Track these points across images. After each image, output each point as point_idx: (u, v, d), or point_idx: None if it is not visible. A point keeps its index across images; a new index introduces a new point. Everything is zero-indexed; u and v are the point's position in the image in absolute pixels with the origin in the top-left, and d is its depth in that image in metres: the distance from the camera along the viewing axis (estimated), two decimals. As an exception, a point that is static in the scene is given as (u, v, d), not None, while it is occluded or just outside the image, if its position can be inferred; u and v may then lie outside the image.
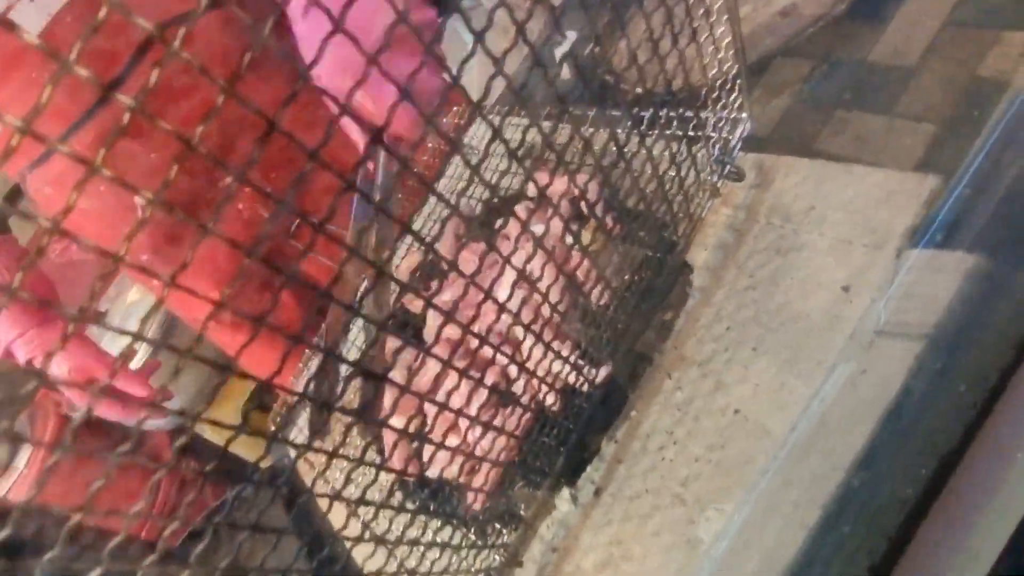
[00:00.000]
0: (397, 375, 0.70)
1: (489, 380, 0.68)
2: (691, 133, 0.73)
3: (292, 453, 0.97)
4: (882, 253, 0.63)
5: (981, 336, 0.48)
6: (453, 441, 0.66)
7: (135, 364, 1.64)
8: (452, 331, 0.70)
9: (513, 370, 0.70)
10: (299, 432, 1.05)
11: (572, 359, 0.66)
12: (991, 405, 0.44)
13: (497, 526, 0.71)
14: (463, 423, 0.65)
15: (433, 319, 0.83)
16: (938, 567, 0.41)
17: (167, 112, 0.90)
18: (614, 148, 0.54)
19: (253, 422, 1.73)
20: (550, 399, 0.68)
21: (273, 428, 1.19)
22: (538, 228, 0.49)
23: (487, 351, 0.64)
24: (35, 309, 0.84)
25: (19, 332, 0.82)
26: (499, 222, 0.85)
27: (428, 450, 0.72)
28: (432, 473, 0.70)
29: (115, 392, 0.84)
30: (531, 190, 0.88)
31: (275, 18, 0.28)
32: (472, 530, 0.70)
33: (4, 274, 0.82)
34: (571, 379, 0.69)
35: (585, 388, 0.71)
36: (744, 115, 0.76)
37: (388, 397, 0.68)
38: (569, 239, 0.50)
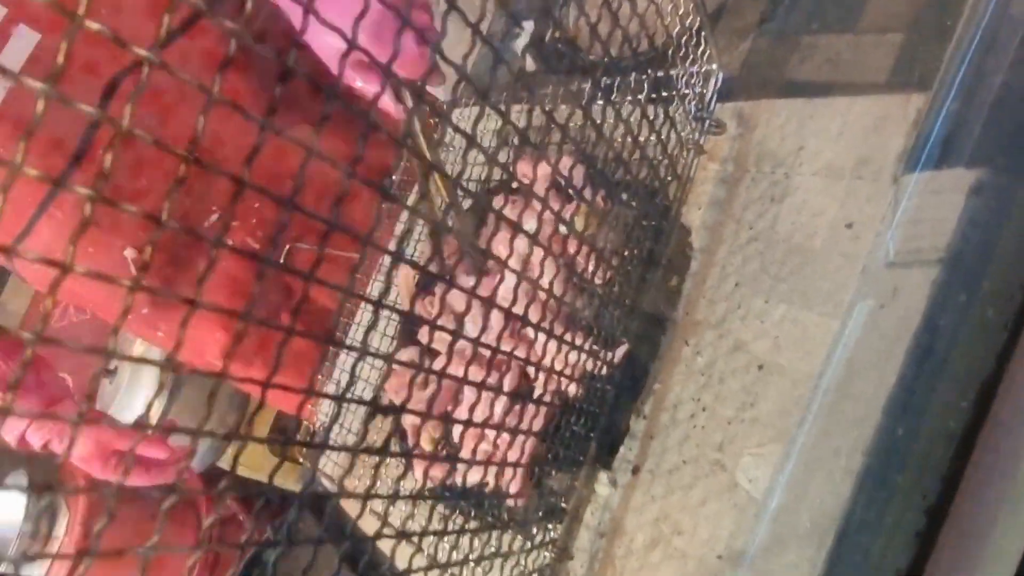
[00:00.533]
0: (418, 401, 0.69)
1: (509, 385, 0.67)
2: (664, 94, 0.71)
3: (324, 480, 0.96)
4: (879, 183, 0.61)
5: (998, 253, 0.46)
6: (484, 448, 0.65)
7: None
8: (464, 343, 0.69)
9: (532, 369, 0.69)
10: (328, 461, 1.04)
11: (587, 345, 0.65)
12: (1021, 325, 0.42)
13: (541, 523, 0.71)
14: (490, 431, 0.64)
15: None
16: (992, 499, 0.40)
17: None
18: (591, 125, 0.53)
19: (280, 452, 1.73)
20: (572, 389, 0.67)
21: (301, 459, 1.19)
22: (530, 225, 0.48)
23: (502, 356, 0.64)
24: (40, 396, 0.83)
25: (29, 420, 0.82)
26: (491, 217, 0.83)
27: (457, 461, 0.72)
28: (468, 482, 0.69)
29: (139, 460, 0.83)
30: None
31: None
32: (518, 533, 0.69)
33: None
34: (590, 365, 0.68)
35: (605, 371, 0.70)
36: (714, 66, 0.74)
37: (409, 422, 0.67)
38: (563, 228, 0.49)
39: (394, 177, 1.05)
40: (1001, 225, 0.47)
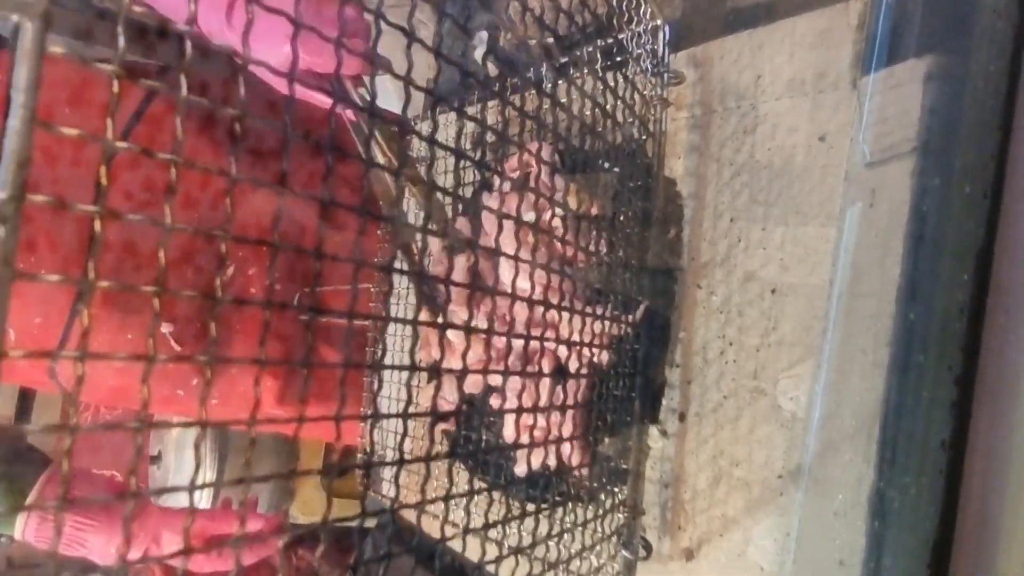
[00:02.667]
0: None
1: (547, 367, 0.70)
2: (618, 59, 0.74)
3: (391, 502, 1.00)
4: (840, 91, 0.64)
5: (963, 130, 0.49)
6: (538, 432, 0.68)
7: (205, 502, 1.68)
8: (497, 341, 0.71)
9: (563, 350, 0.72)
10: (389, 485, 1.07)
11: (608, 312, 0.68)
12: (999, 193, 0.45)
13: (607, 488, 0.74)
14: (540, 413, 0.67)
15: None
16: (1014, 356, 0.43)
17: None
18: (558, 107, 0.55)
19: (340, 488, 1.77)
20: (604, 357, 0.70)
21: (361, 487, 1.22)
22: (529, 216, 0.51)
23: (533, 344, 0.67)
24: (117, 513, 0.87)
25: (122, 539, 0.85)
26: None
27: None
28: (532, 466, 0.72)
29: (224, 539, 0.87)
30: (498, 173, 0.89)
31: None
32: (588, 503, 0.73)
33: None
34: (615, 330, 0.71)
35: (630, 332, 0.73)
36: (658, 20, 0.77)
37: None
38: (560, 211, 0.52)
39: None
40: (960, 103, 0.50)
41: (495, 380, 0.74)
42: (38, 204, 0.21)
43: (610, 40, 0.74)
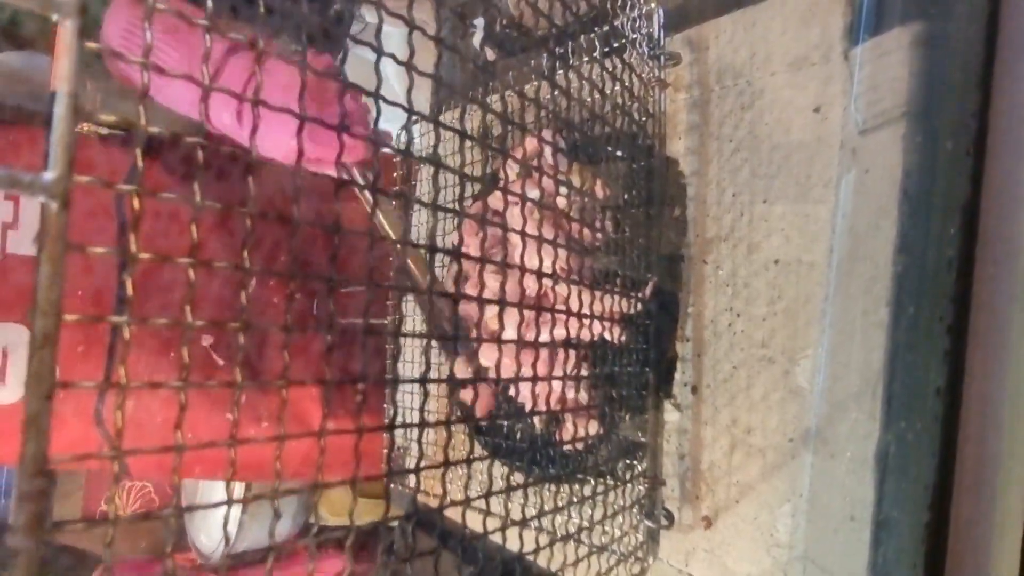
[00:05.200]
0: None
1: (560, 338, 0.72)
2: (615, 45, 0.76)
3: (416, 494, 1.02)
4: (832, 63, 0.66)
5: (946, 91, 0.51)
6: (555, 401, 0.70)
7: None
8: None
9: (574, 322, 0.74)
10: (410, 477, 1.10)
11: (618, 288, 0.70)
12: (982, 148, 0.47)
13: (626, 461, 0.76)
14: (556, 384, 0.69)
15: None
16: (1003, 305, 0.45)
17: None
18: (559, 92, 0.58)
19: (365, 488, 1.79)
20: (616, 331, 0.72)
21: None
22: (534, 193, 0.53)
23: (546, 317, 0.69)
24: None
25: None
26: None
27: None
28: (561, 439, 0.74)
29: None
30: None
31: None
32: (607, 476, 0.75)
33: None
34: (625, 306, 0.73)
35: (640, 308, 0.75)
36: (652, 4, 0.79)
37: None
38: (564, 189, 0.54)
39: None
40: (942, 66, 0.52)
41: (508, 366, 0.76)
42: (82, 184, 0.23)
43: (606, 26, 0.76)
